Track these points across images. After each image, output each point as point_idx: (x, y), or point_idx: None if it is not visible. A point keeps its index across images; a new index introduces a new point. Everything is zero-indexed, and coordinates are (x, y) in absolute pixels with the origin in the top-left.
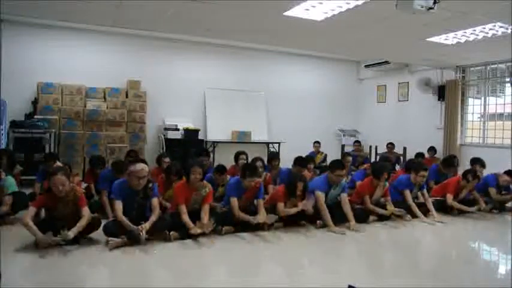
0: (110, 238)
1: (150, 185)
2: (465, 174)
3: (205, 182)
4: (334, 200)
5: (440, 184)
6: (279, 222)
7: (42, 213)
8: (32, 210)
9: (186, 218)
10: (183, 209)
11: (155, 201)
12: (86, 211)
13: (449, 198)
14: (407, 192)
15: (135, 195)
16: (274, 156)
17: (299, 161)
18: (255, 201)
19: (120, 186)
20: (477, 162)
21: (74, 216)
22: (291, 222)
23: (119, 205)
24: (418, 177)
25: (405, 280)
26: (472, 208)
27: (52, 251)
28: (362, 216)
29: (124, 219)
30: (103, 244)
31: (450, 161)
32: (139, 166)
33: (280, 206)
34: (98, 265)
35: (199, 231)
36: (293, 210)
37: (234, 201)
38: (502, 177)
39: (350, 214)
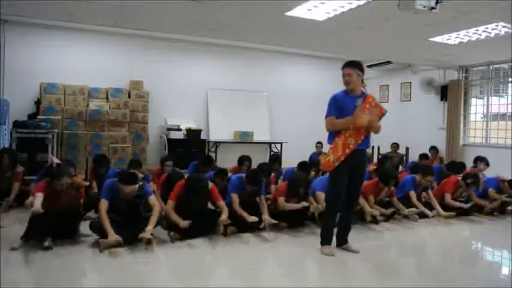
0: (100, 240)
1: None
2: (465, 177)
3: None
4: None
5: (439, 184)
6: (283, 223)
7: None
8: (40, 196)
9: (174, 216)
10: (171, 204)
11: (152, 199)
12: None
13: (448, 197)
14: (412, 193)
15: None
16: (276, 158)
17: (301, 166)
18: (257, 199)
19: (109, 187)
20: (482, 160)
21: (74, 204)
22: (295, 223)
23: (104, 204)
24: (424, 181)
25: (406, 281)
26: (468, 204)
27: (53, 251)
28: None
29: (106, 222)
30: (96, 245)
31: (455, 168)
32: (130, 188)
33: (281, 199)
34: (95, 266)
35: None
36: (295, 206)
37: (235, 196)
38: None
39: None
